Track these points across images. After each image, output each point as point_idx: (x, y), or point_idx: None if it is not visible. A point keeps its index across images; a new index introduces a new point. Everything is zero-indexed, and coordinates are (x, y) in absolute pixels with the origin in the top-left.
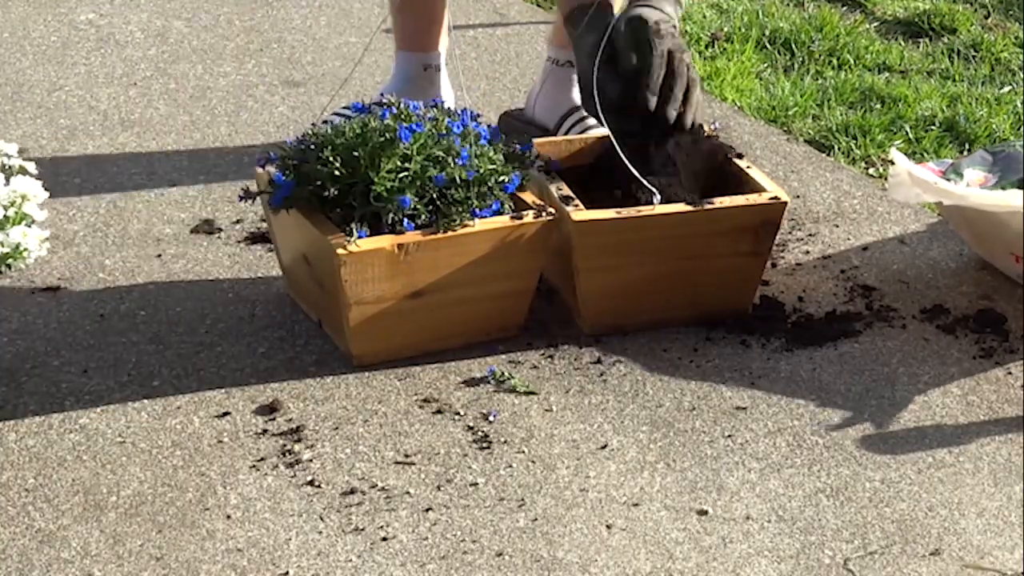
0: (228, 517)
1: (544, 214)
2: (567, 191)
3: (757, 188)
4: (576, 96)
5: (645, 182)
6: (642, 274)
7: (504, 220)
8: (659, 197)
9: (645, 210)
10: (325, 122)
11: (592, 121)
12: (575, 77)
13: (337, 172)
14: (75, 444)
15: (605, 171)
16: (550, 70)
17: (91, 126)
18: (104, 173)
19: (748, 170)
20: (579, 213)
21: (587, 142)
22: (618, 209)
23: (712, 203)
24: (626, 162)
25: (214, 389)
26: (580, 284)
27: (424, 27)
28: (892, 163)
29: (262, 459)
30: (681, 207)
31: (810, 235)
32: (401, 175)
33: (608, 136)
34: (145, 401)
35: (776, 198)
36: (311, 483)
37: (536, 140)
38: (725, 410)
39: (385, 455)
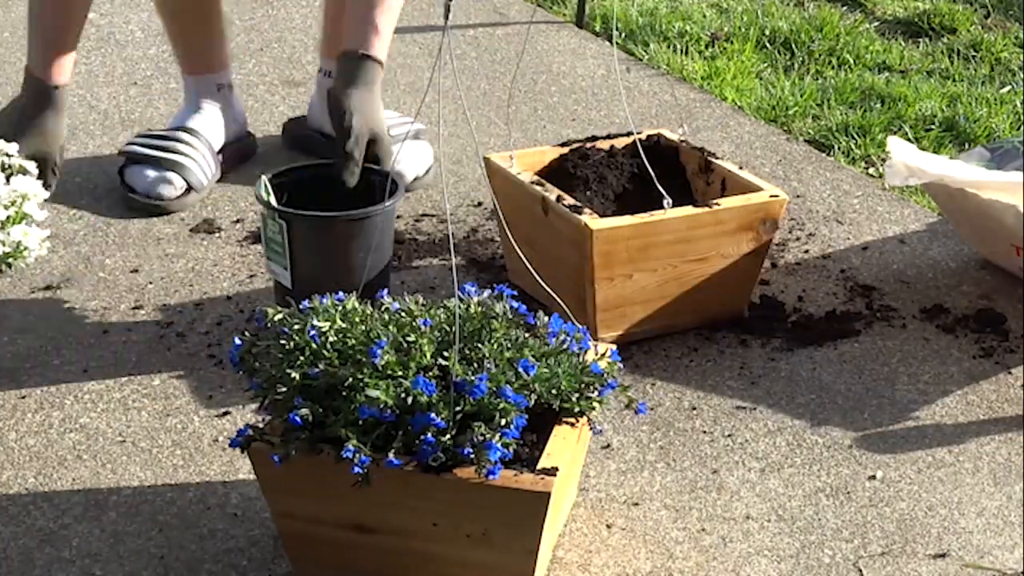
0: (229, 516)
1: None
2: (570, 199)
3: (751, 188)
4: None
5: (659, 186)
6: (654, 279)
7: None
8: (669, 201)
9: (658, 214)
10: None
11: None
12: None
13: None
14: (75, 443)
15: (568, 176)
16: (320, 80)
17: (91, 125)
18: (104, 173)
19: (739, 171)
20: (596, 222)
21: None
22: (632, 215)
23: (718, 204)
24: (646, 164)
25: (214, 389)
26: (596, 294)
27: (208, 46)
28: (888, 154)
29: None
30: (690, 209)
31: (810, 235)
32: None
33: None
34: (145, 401)
35: (776, 195)
36: None
37: (518, 152)
38: (725, 410)
39: None
